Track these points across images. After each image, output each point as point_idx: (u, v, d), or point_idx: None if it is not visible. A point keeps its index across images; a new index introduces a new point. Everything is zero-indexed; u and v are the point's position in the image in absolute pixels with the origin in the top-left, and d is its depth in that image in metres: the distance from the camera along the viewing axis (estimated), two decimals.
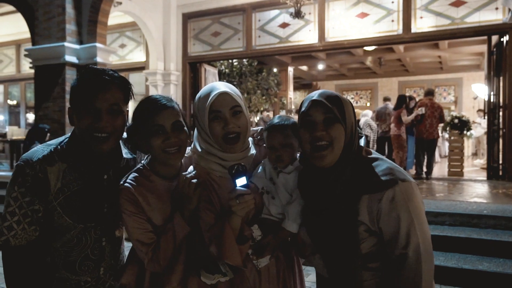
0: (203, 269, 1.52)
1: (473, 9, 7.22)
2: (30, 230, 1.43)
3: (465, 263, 4.11)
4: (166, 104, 1.51)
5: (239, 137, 1.50)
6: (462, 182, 7.74)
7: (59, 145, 1.50)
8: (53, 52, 7.31)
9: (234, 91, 1.54)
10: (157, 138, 1.48)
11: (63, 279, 1.53)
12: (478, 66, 15.68)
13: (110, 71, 1.49)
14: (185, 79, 9.54)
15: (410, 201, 1.26)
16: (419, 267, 1.24)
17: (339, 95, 1.40)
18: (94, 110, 1.43)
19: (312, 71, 17.41)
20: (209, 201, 1.53)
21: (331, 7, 8.21)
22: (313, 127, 1.35)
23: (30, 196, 1.41)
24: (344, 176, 1.35)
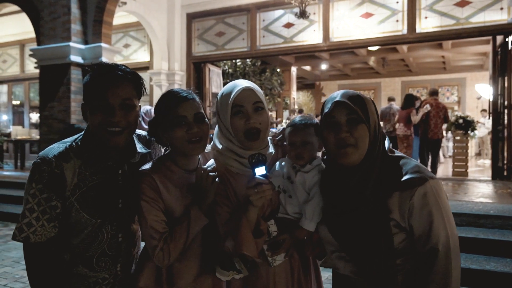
0: (219, 265, 1.53)
1: (478, 9, 7.21)
2: (49, 227, 1.44)
3: (472, 263, 4.11)
4: (187, 96, 1.54)
5: (259, 134, 1.52)
6: (467, 182, 7.73)
7: (73, 142, 1.52)
8: (58, 52, 7.34)
9: (257, 89, 1.56)
10: (181, 128, 1.50)
11: (81, 277, 1.53)
12: (482, 66, 15.66)
13: (122, 67, 1.50)
14: (189, 79, 9.56)
15: (439, 197, 1.31)
16: (449, 261, 1.28)
17: (361, 94, 1.41)
18: (107, 105, 1.44)
19: (315, 71, 17.42)
20: (226, 196, 1.54)
21: (335, 7, 8.21)
22: (337, 128, 1.37)
23: (47, 193, 1.43)
24: (373, 175, 1.36)
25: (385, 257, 1.35)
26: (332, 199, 1.47)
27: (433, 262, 1.29)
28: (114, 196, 1.53)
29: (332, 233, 1.46)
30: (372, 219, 1.34)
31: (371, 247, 1.36)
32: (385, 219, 1.33)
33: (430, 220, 1.29)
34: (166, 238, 1.48)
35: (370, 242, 1.35)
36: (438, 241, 1.28)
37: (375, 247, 1.35)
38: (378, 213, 1.34)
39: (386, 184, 1.34)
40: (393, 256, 1.35)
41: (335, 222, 1.45)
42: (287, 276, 1.60)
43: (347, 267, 1.46)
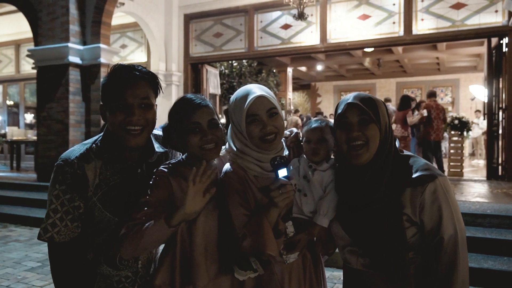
0: (236, 265, 1.57)
1: (473, 12, 7.31)
2: (72, 227, 1.48)
3: (470, 262, 4.17)
4: (201, 103, 1.55)
5: (275, 138, 1.55)
6: (463, 182, 7.83)
7: (93, 143, 1.55)
8: (57, 53, 7.33)
9: (269, 94, 1.59)
10: (195, 135, 1.51)
11: (106, 276, 1.56)
12: (475, 68, 15.83)
13: (139, 67, 1.53)
14: (187, 80, 9.58)
15: (448, 193, 1.39)
16: (456, 253, 1.35)
17: (372, 96, 1.48)
18: (127, 105, 1.47)
19: (311, 72, 17.49)
20: (244, 198, 1.56)
21: (333, 9, 8.28)
22: (349, 128, 1.44)
23: (70, 193, 1.46)
24: (386, 172, 1.43)
25: (398, 250, 1.40)
26: (345, 196, 1.52)
27: (439, 253, 1.36)
28: (133, 195, 1.55)
29: (345, 229, 1.51)
30: (386, 214, 1.41)
31: (384, 240, 1.41)
32: (398, 214, 1.39)
33: (439, 214, 1.36)
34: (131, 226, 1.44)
35: (384, 236, 1.41)
36: (445, 232, 1.36)
37: (388, 241, 1.40)
38: (391, 208, 1.40)
39: (398, 181, 1.41)
40: (406, 249, 1.41)
41: (349, 218, 1.50)
42: (299, 274, 1.65)
43: (359, 261, 1.52)
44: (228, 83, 12.40)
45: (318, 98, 20.14)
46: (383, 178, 1.43)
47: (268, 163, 1.52)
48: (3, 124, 13.60)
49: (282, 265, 1.61)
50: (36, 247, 5.33)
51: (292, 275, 1.63)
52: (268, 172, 1.55)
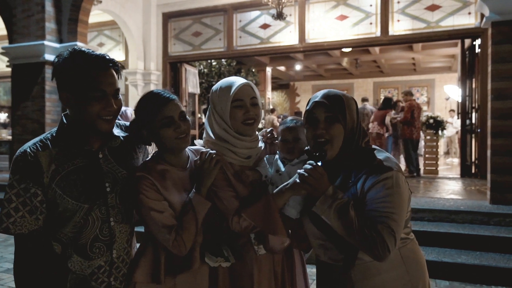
0: (208, 251, 1.62)
1: (447, 14, 7.50)
2: (31, 219, 1.45)
3: (444, 257, 4.31)
4: (170, 97, 1.62)
5: (254, 124, 1.68)
6: (438, 180, 8.03)
7: (49, 134, 1.55)
8: (32, 51, 7.18)
9: (253, 85, 1.73)
10: (169, 128, 1.58)
11: (77, 274, 1.53)
12: (450, 68, 16.21)
13: (103, 54, 1.53)
14: (166, 79, 9.52)
15: (398, 186, 1.43)
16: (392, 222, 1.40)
17: (343, 95, 1.55)
18: (105, 95, 1.48)
19: (289, 72, 17.59)
20: (227, 182, 1.65)
21: (311, 9, 8.36)
22: (315, 125, 1.53)
23: (25, 182, 1.44)
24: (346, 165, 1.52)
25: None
26: None
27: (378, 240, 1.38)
28: (99, 180, 1.54)
29: (314, 223, 1.57)
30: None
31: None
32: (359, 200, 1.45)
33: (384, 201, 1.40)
34: (177, 230, 1.54)
35: None
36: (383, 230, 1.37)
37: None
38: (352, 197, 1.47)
39: (359, 170, 1.49)
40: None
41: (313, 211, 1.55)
42: (270, 266, 1.71)
43: (326, 255, 1.58)
44: (207, 82, 12.36)
45: (297, 98, 20.27)
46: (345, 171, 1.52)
47: (245, 151, 1.67)
48: None
49: (253, 257, 1.66)
50: (11, 249, 5.24)
51: (261, 267, 1.68)
52: (243, 159, 1.68)
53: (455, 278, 4.13)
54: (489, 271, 4.03)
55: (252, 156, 1.72)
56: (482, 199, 5.58)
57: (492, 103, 5.25)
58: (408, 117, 8.46)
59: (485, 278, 4.02)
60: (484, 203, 5.33)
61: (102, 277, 1.56)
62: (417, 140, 8.71)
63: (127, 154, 1.67)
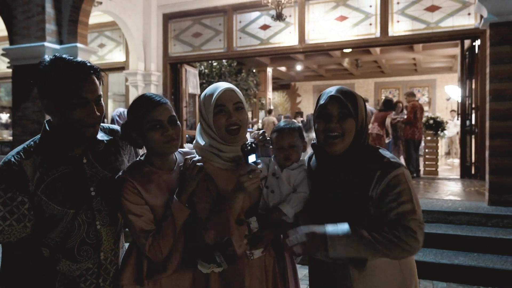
0: (200, 258, 1.61)
1: (447, 14, 7.49)
2: (19, 227, 1.47)
3: (442, 258, 4.31)
4: (161, 101, 1.63)
5: (239, 130, 1.65)
6: (437, 181, 8.03)
7: (32, 141, 1.56)
8: (33, 52, 7.19)
9: (237, 90, 1.70)
10: (157, 132, 1.58)
11: (66, 273, 1.55)
12: (451, 68, 16.19)
13: (84, 61, 1.54)
14: (166, 80, 9.54)
15: (409, 181, 1.49)
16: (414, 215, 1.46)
17: (353, 92, 1.58)
18: (87, 102, 1.49)
19: (290, 72, 17.61)
20: (206, 192, 1.63)
21: (311, 10, 8.36)
22: (329, 119, 1.54)
23: (11, 191, 1.45)
24: (354, 162, 1.54)
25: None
26: (320, 185, 1.61)
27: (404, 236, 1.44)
28: (83, 185, 1.55)
29: (315, 221, 1.57)
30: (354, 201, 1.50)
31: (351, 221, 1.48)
32: (365, 200, 1.49)
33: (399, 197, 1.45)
34: (154, 235, 1.55)
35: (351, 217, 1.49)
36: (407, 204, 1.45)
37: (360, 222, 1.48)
38: (359, 194, 1.50)
39: (367, 168, 1.52)
40: None
41: (321, 208, 1.58)
42: (261, 270, 1.70)
43: (323, 253, 1.57)
44: (208, 83, 12.38)
45: (298, 98, 20.28)
46: (351, 165, 1.54)
47: (231, 155, 1.64)
48: None
49: (244, 261, 1.66)
50: None
51: (252, 272, 1.67)
52: (228, 162, 1.65)
53: (452, 280, 4.13)
54: (486, 273, 4.04)
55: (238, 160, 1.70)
56: (481, 201, 5.58)
57: (490, 104, 5.25)
58: (411, 118, 8.47)
59: (483, 279, 4.03)
60: (482, 204, 5.33)
61: (90, 279, 1.58)
62: (419, 141, 8.73)
63: (112, 157, 1.69)
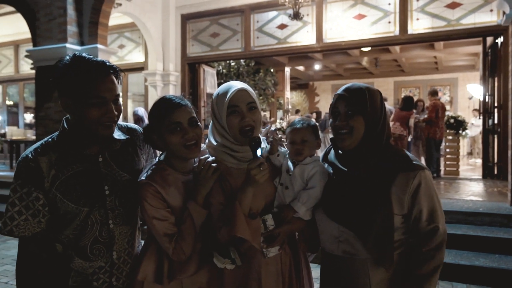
0: (216, 251, 1.62)
1: (468, 11, 7.34)
2: (34, 222, 1.50)
3: (461, 259, 4.24)
4: (180, 103, 1.62)
5: (253, 131, 1.64)
6: (458, 181, 7.88)
7: (50, 138, 1.59)
8: (55, 53, 7.35)
9: (250, 89, 1.69)
10: (176, 134, 1.58)
11: (79, 270, 1.57)
12: (473, 67, 15.85)
13: (103, 60, 1.54)
14: (184, 80, 9.62)
15: (433, 185, 1.53)
16: (445, 236, 1.52)
17: (366, 87, 1.60)
18: (105, 101, 1.50)
19: (308, 71, 17.52)
20: (220, 190, 1.64)
21: (328, 9, 8.32)
22: (336, 117, 1.60)
23: (27, 187, 1.49)
24: (372, 157, 1.56)
25: (387, 232, 1.50)
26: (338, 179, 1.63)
27: (431, 239, 1.51)
28: (98, 183, 1.57)
29: (331, 216, 1.60)
30: (374, 195, 1.52)
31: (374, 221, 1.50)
32: (386, 193, 1.50)
33: (433, 201, 1.51)
34: (177, 239, 1.56)
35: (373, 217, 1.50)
36: (440, 222, 1.52)
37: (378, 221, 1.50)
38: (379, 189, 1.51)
39: (391, 166, 1.54)
40: (393, 232, 1.50)
41: (338, 202, 1.59)
42: (277, 268, 1.69)
43: (340, 248, 1.60)
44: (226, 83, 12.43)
45: (316, 98, 20.18)
46: (368, 161, 1.56)
47: (244, 154, 1.64)
48: (3, 124, 13.65)
49: (261, 259, 1.67)
50: None
51: (268, 269, 1.67)
52: (242, 162, 1.64)
53: (472, 281, 4.06)
54: (507, 275, 3.96)
55: None
56: (503, 201, 5.45)
57: None
58: (432, 117, 8.30)
59: (504, 282, 3.94)
60: (504, 205, 5.21)
61: (103, 278, 1.59)
62: (440, 140, 8.56)
63: (128, 157, 1.69)
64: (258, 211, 1.65)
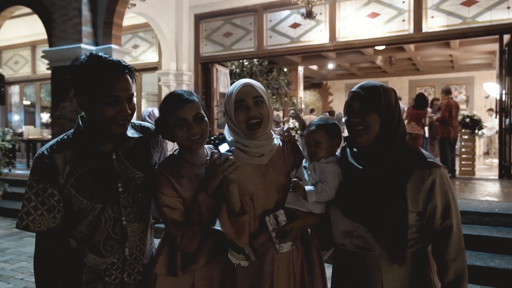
0: (231, 246, 1.65)
1: (484, 8, 7.22)
2: (49, 217, 1.54)
3: (476, 260, 4.18)
4: (188, 99, 1.68)
5: (260, 124, 1.67)
6: (474, 181, 7.77)
7: (65, 136, 1.64)
8: (70, 54, 7.45)
9: (256, 84, 1.72)
10: (181, 129, 1.66)
11: (92, 266, 1.61)
12: (490, 65, 15.59)
13: (119, 60, 1.58)
14: (197, 79, 9.66)
15: (449, 182, 1.53)
16: (460, 234, 1.52)
17: (381, 85, 1.61)
18: (119, 100, 1.53)
19: (322, 71, 17.45)
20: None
21: (342, 7, 8.27)
22: (352, 114, 1.60)
23: (43, 183, 1.53)
24: (388, 155, 1.56)
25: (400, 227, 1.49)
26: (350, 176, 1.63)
27: (449, 238, 1.50)
28: (111, 180, 1.60)
29: (345, 212, 1.60)
30: (388, 191, 1.51)
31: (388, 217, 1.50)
32: (402, 189, 1.50)
33: (447, 198, 1.50)
34: (185, 227, 1.60)
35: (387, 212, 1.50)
36: (453, 219, 1.50)
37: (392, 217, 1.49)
38: (394, 186, 1.51)
39: (405, 163, 1.54)
40: (407, 228, 1.50)
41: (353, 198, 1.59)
42: (289, 265, 1.71)
43: (353, 243, 1.59)
44: None
45: (330, 97, 20.09)
46: (384, 158, 1.56)
47: (256, 150, 1.68)
48: (20, 123, 13.90)
49: (274, 255, 1.68)
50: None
51: (279, 266, 1.68)
52: (255, 157, 1.68)
53: (487, 283, 4.00)
54: None
55: (265, 154, 1.72)
56: None
57: None
58: (446, 116, 8.19)
59: None
60: None
61: (115, 273, 1.63)
62: (455, 140, 8.44)
63: (141, 154, 1.72)
64: (271, 205, 1.68)
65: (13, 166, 9.85)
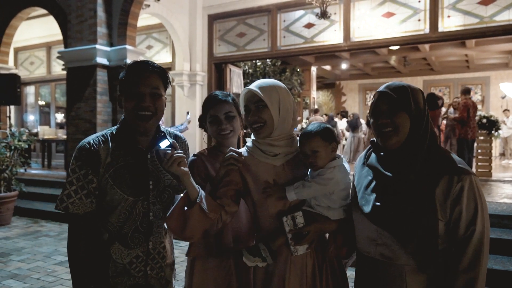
0: (246, 249, 1.66)
1: (502, 7, 7.11)
2: (87, 201, 1.65)
3: (495, 264, 4.10)
4: (221, 99, 1.98)
5: (261, 128, 1.69)
6: (491, 183, 7.64)
7: (110, 131, 1.79)
8: (85, 54, 7.54)
9: (260, 90, 1.69)
10: (213, 125, 1.98)
11: (117, 263, 1.70)
12: (506, 65, 15.35)
13: (152, 63, 1.75)
14: (211, 80, 9.68)
15: (480, 190, 1.45)
16: (482, 248, 1.42)
17: (408, 85, 1.54)
18: (139, 93, 1.68)
19: (335, 71, 17.36)
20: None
21: (356, 7, 8.21)
22: (379, 115, 1.53)
23: (85, 169, 1.65)
24: (418, 158, 1.49)
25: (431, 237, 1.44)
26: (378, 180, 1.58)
27: (467, 243, 1.42)
28: (144, 177, 1.73)
29: (372, 219, 1.55)
30: (418, 198, 1.45)
31: (417, 227, 1.44)
32: (432, 200, 1.44)
33: (475, 207, 1.42)
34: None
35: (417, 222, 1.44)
36: (477, 225, 1.42)
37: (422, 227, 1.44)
38: (424, 193, 1.45)
39: (434, 168, 1.47)
40: (437, 237, 1.44)
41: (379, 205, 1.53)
42: (302, 269, 1.69)
43: (377, 250, 1.55)
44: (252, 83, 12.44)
45: (343, 97, 19.96)
46: (415, 162, 1.48)
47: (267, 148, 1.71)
48: (35, 124, 14.06)
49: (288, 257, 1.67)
50: (65, 242, 5.52)
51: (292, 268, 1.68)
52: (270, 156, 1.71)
53: (506, 287, 3.92)
54: None
55: (280, 155, 1.71)
56: None
57: None
58: (464, 116, 8.07)
59: None
60: None
61: (139, 266, 1.73)
62: (472, 140, 8.31)
63: None
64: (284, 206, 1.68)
65: (28, 166, 9.97)
